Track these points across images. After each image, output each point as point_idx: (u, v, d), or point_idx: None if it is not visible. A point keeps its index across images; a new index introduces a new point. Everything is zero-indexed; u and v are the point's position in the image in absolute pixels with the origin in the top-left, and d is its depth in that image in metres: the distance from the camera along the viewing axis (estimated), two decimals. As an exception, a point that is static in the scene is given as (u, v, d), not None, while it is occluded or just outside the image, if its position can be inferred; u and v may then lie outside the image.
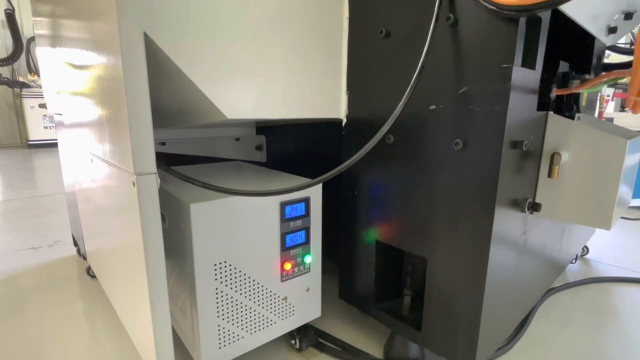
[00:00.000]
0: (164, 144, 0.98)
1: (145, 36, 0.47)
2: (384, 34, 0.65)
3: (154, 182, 0.50)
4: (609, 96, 2.56)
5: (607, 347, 0.82)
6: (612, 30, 0.84)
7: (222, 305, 0.63)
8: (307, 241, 0.73)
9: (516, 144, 0.57)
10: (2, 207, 1.88)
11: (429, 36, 0.56)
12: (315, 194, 0.72)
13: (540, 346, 0.81)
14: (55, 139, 4.45)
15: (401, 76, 0.64)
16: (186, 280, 0.62)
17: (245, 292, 0.65)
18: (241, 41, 0.58)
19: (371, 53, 0.68)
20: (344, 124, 0.77)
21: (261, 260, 0.66)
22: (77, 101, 0.74)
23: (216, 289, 0.61)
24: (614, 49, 0.98)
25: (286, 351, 0.78)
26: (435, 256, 0.64)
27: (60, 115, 1.03)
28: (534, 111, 0.62)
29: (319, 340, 0.80)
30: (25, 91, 4.30)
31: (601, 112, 2.17)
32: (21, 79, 4.48)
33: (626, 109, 2.73)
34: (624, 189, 0.67)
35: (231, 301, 0.64)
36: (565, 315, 0.94)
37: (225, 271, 0.62)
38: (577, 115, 0.71)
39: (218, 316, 0.63)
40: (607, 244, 1.45)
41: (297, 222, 0.70)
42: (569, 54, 0.82)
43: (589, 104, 0.93)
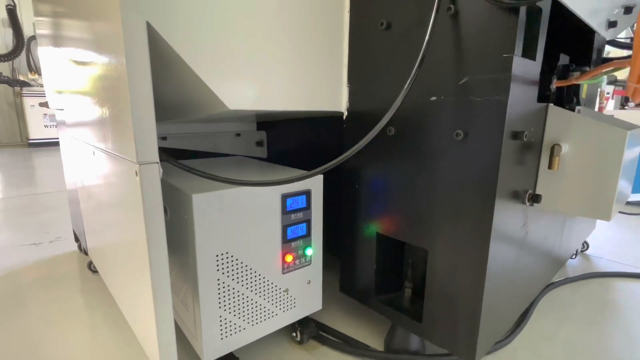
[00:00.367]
0: (165, 138, 0.98)
1: (148, 26, 0.47)
2: (384, 26, 0.65)
3: (156, 171, 0.50)
4: (608, 93, 2.56)
5: (607, 342, 0.82)
6: (612, 25, 0.84)
7: (224, 297, 0.63)
8: (308, 234, 0.73)
9: (516, 135, 0.57)
10: (3, 205, 1.88)
11: (429, 27, 0.56)
12: (316, 187, 0.72)
13: (540, 340, 0.81)
14: (55, 138, 4.45)
15: (402, 68, 0.64)
16: (188, 272, 0.62)
17: (246, 283, 0.65)
18: (243, 33, 0.58)
19: (372, 45, 0.69)
20: (344, 116, 0.77)
21: (262, 252, 0.67)
22: (79, 94, 0.74)
23: (218, 280, 0.62)
24: (614, 43, 0.99)
25: (287, 343, 0.79)
26: (436, 248, 0.64)
27: (61, 110, 1.03)
28: (534, 102, 0.62)
29: (320, 332, 0.80)
30: (25, 90, 4.30)
31: (601, 108, 2.17)
32: (21, 78, 4.48)
33: (626, 107, 2.74)
34: (623, 181, 0.67)
35: (233, 292, 0.64)
36: (565, 309, 0.94)
37: (227, 262, 0.62)
38: (577, 107, 0.71)
39: (220, 307, 0.63)
40: (607, 239, 1.46)
41: (298, 214, 0.71)
42: (569, 47, 0.82)
43: (588, 99, 0.93)
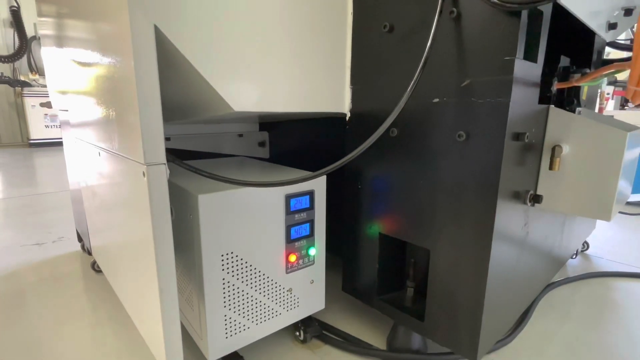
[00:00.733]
0: (168, 139, 0.99)
1: (155, 28, 0.48)
2: (387, 28, 0.66)
3: (163, 172, 0.51)
4: (608, 94, 2.57)
5: (607, 341, 0.83)
6: (612, 26, 0.85)
7: (229, 296, 0.64)
8: (311, 234, 0.74)
9: (518, 136, 0.58)
10: (5, 205, 1.89)
11: (432, 30, 0.57)
12: (320, 187, 0.73)
13: (541, 339, 0.82)
14: (56, 138, 4.46)
15: (404, 70, 0.65)
16: (193, 271, 0.63)
17: (251, 283, 0.66)
18: (248, 35, 0.59)
19: (375, 48, 0.69)
20: (347, 118, 0.78)
21: (267, 251, 0.67)
22: (84, 94, 0.75)
23: (223, 279, 0.62)
24: (614, 45, 0.99)
25: (290, 342, 0.79)
26: (438, 247, 0.65)
27: (65, 111, 1.04)
28: (535, 104, 0.63)
29: (323, 331, 0.81)
30: (26, 90, 4.31)
31: (601, 109, 2.18)
32: (22, 78, 4.49)
33: (626, 107, 2.74)
34: (623, 181, 0.68)
35: (237, 292, 0.65)
36: (566, 309, 0.95)
37: (232, 262, 0.63)
38: (578, 109, 0.72)
39: (225, 306, 0.64)
40: (607, 239, 1.46)
41: (301, 214, 0.71)
42: (569, 49, 0.83)
43: (589, 100, 0.94)
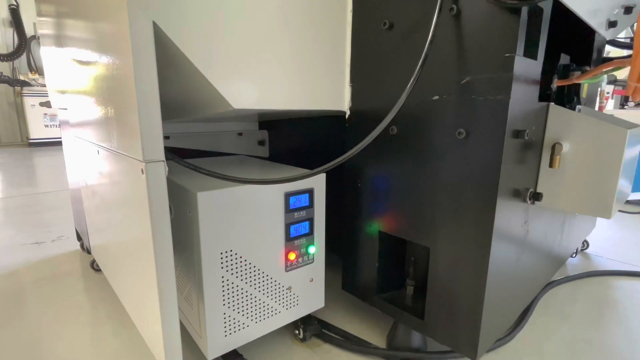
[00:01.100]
0: (167, 137, 0.99)
1: (155, 26, 0.48)
2: (387, 25, 0.66)
3: (162, 169, 0.51)
4: (608, 93, 2.57)
5: (607, 339, 0.83)
6: (612, 24, 0.85)
7: (228, 294, 0.64)
8: (311, 232, 0.74)
9: (518, 134, 0.57)
10: (4, 204, 1.89)
11: (432, 27, 0.56)
12: (319, 185, 0.73)
13: (541, 337, 0.82)
14: (55, 138, 4.45)
15: (404, 68, 0.65)
16: (192, 270, 0.63)
17: (250, 281, 0.66)
18: (247, 32, 0.59)
19: (374, 45, 0.69)
20: (347, 116, 0.77)
21: (266, 250, 0.67)
22: (83, 93, 0.75)
23: (222, 277, 0.62)
24: (614, 43, 0.99)
25: (290, 341, 0.79)
26: (438, 245, 0.65)
27: (65, 109, 1.03)
28: (535, 102, 0.63)
29: (323, 330, 0.81)
30: (26, 90, 4.30)
31: (601, 108, 2.18)
32: (22, 78, 4.48)
33: (626, 106, 2.74)
34: (624, 179, 0.68)
35: (237, 290, 0.65)
36: (566, 307, 0.95)
37: (231, 260, 0.63)
38: (578, 107, 0.72)
39: (224, 304, 0.63)
40: (607, 238, 1.46)
41: (301, 212, 0.71)
42: (570, 47, 0.82)
43: (589, 99, 0.94)
